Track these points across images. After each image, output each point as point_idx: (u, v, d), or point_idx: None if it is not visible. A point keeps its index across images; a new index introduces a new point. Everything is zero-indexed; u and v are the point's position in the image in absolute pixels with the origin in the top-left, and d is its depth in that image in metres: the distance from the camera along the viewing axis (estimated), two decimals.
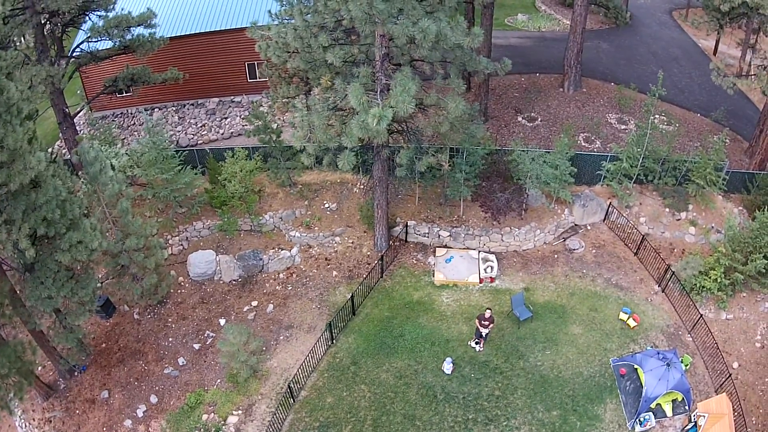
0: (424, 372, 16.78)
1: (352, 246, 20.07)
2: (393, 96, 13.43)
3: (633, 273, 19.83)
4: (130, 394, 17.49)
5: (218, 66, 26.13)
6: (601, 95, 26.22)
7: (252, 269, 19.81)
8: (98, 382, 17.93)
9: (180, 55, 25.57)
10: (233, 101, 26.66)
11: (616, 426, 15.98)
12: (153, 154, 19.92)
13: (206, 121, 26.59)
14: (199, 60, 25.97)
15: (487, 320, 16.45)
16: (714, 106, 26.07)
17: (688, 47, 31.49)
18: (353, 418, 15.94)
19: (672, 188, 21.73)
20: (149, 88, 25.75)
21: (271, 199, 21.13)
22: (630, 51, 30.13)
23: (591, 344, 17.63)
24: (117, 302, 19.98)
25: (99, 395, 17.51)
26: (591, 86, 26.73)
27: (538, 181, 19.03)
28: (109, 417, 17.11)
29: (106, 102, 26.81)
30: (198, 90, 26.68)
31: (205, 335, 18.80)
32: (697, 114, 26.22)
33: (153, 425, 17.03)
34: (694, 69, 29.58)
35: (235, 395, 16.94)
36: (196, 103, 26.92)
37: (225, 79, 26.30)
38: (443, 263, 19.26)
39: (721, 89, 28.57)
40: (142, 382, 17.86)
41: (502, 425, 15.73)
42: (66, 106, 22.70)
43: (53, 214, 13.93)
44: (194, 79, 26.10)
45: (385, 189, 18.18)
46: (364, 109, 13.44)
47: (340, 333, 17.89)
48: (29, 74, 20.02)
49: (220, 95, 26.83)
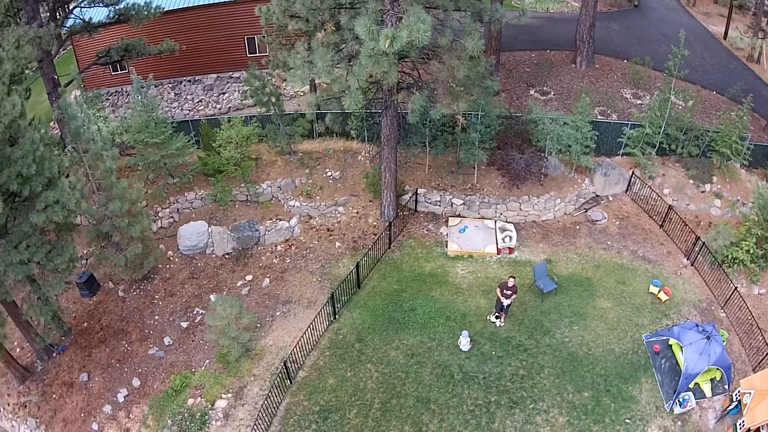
0: (438, 349, 14.25)
1: (357, 216, 17.61)
2: (407, 25, 11.14)
3: (660, 246, 17.44)
4: (110, 377, 15.08)
5: (216, 40, 23.83)
6: (615, 71, 24.05)
7: (247, 241, 17.33)
8: (77, 364, 15.53)
9: (177, 29, 23.30)
10: (232, 77, 24.34)
11: (654, 408, 13.50)
12: (143, 117, 17.59)
13: (203, 96, 24.27)
14: (197, 34, 23.68)
15: (510, 289, 13.97)
16: (728, 86, 24.04)
17: (698, 31, 29.57)
18: (358, 401, 13.37)
19: (695, 160, 19.52)
20: (145, 65, 23.50)
21: (269, 168, 18.70)
22: (640, 32, 28.14)
23: (621, 319, 15.16)
24: (101, 279, 17.52)
25: (78, 378, 15.18)
26: (603, 63, 24.58)
27: (559, 143, 16.72)
28: (88, 402, 14.73)
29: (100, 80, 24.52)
30: (196, 66, 24.36)
31: (194, 313, 16.27)
32: (713, 92, 24.14)
33: (134, 411, 14.52)
34: (705, 51, 27.56)
35: (225, 377, 14.36)
36: (194, 80, 24.60)
37: (224, 54, 24.01)
38: (457, 233, 16.83)
39: (736, 70, 26.95)
40: (125, 364, 15.38)
41: (528, 408, 13.19)
42: (56, 74, 20.47)
43: (29, 170, 12.14)
44: (192, 54, 23.82)
45: (394, 149, 15.79)
46: (373, 37, 11.13)
47: (343, 307, 15.35)
48: (16, 34, 17.90)
49: (218, 71, 24.53)
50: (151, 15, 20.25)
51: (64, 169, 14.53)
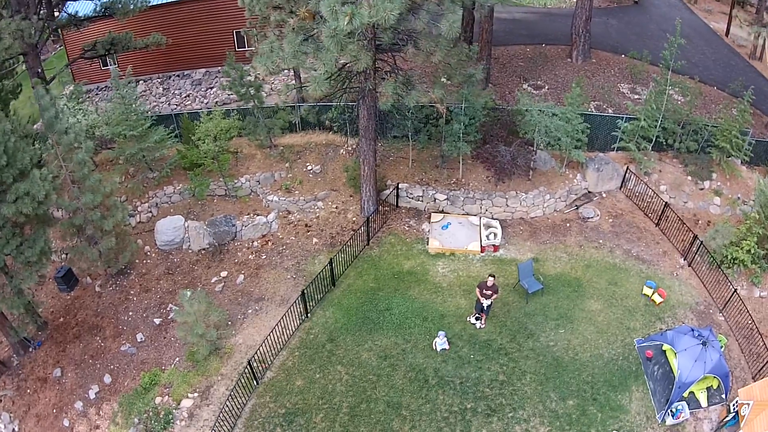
0: (413, 352, 12.99)
1: (336, 211, 16.40)
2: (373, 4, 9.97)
3: (655, 245, 15.99)
4: (83, 373, 14.18)
5: (205, 34, 22.83)
6: (612, 66, 22.53)
7: (223, 236, 16.25)
8: (52, 359, 14.68)
9: (166, 23, 22.32)
10: (220, 71, 23.36)
11: (644, 418, 12.12)
12: (121, 109, 16.67)
13: (191, 91, 23.28)
14: (186, 28, 22.70)
15: (489, 289, 12.68)
16: (729, 81, 22.43)
17: (699, 27, 27.89)
18: (326, 405, 12.18)
19: (694, 155, 18.02)
20: (134, 60, 22.64)
21: (248, 162, 17.58)
22: (640, 28, 26.54)
23: (612, 322, 13.78)
24: (80, 274, 16.62)
25: (52, 374, 14.29)
26: (600, 57, 23.07)
27: (548, 135, 15.38)
28: (60, 398, 13.87)
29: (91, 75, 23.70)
30: (184, 61, 23.41)
31: (168, 309, 15.23)
32: (714, 87, 22.54)
33: (104, 408, 13.61)
34: (707, 47, 25.90)
35: (193, 375, 13.29)
36: (182, 74, 23.66)
37: (212, 48, 22.98)
38: (439, 230, 15.56)
39: (737, 67, 25.26)
40: (97, 360, 14.46)
41: (507, 417, 11.88)
42: (40, 68, 19.66)
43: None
44: (181, 49, 22.90)
45: (372, 141, 14.58)
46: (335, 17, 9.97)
47: (316, 306, 14.16)
48: None
49: (207, 66, 23.57)
50: (137, 8, 19.37)
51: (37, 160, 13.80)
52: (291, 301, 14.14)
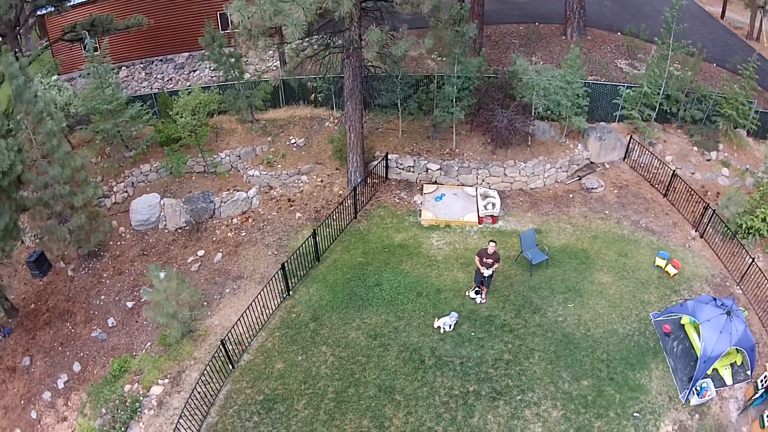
0: (407, 330, 11.15)
1: (321, 185, 14.60)
2: None
3: (664, 216, 14.29)
4: (52, 362, 12.47)
5: (188, 17, 21.13)
6: (608, 43, 21.00)
7: (201, 214, 14.41)
8: (21, 347, 12.97)
9: (148, 6, 20.70)
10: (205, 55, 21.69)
11: (666, 399, 10.34)
12: (95, 83, 14.97)
13: (174, 74, 21.56)
14: (168, 11, 21.05)
15: (490, 257, 10.89)
16: (728, 59, 21.00)
17: (695, 11, 26.54)
18: (309, 390, 10.29)
19: (699, 126, 16.44)
20: (116, 45, 20.95)
21: (228, 137, 15.77)
22: (635, 8, 25.08)
23: (624, 295, 12.01)
24: (53, 259, 14.84)
25: (21, 362, 12.61)
26: (596, 35, 21.55)
27: (547, 98, 13.71)
28: (29, 388, 12.23)
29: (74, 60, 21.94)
30: (168, 45, 21.64)
31: (141, 292, 13.37)
32: (713, 64, 21.07)
33: (73, 398, 11.89)
34: (703, 27, 24.51)
35: (164, 361, 11.41)
36: (165, 59, 21.94)
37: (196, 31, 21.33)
38: (432, 201, 13.78)
39: (735, 46, 23.83)
40: (67, 348, 12.71)
41: (515, 400, 10.05)
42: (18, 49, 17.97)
43: None
44: (164, 32, 21.20)
45: (358, 104, 12.85)
46: None
47: (299, 282, 12.31)
48: None
49: (190, 50, 21.89)
50: None
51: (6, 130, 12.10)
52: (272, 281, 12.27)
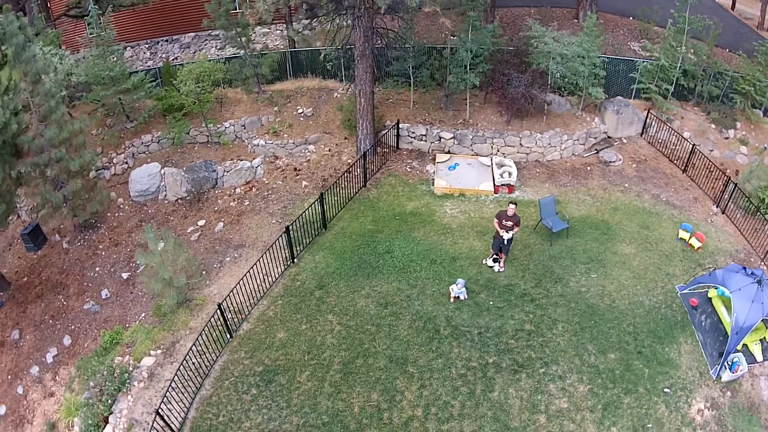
0: (420, 298, 10.11)
1: (329, 154, 13.60)
2: None
3: (684, 191, 13.33)
4: (42, 335, 11.51)
5: None
6: (620, 27, 20.23)
7: (203, 183, 13.41)
8: (11, 321, 12.05)
9: None
10: (210, 35, 20.87)
11: (697, 374, 9.35)
12: (98, 51, 14.10)
13: (179, 54, 20.73)
14: None
15: (510, 219, 9.89)
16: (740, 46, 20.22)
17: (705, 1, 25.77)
18: (313, 360, 9.24)
19: (716, 104, 15.58)
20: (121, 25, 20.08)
21: (233, 107, 14.79)
22: None
23: (648, 267, 11.01)
24: (48, 232, 13.88)
25: (10, 336, 11.71)
26: (608, 19, 20.76)
27: (564, 64, 12.80)
28: (16, 363, 11.32)
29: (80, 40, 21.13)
30: (173, 25, 20.69)
31: (137, 263, 12.36)
32: (726, 50, 20.26)
33: (62, 373, 10.93)
34: (713, 15, 23.81)
35: (158, 331, 10.35)
36: (170, 39, 21.13)
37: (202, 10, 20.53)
38: (446, 170, 12.80)
39: (746, 35, 23.04)
40: (58, 321, 11.73)
41: (538, 373, 9.00)
42: None
43: None
44: (169, 12, 20.35)
45: (369, 67, 11.90)
46: None
47: (304, 250, 11.31)
48: None
49: (196, 30, 21.04)
50: None
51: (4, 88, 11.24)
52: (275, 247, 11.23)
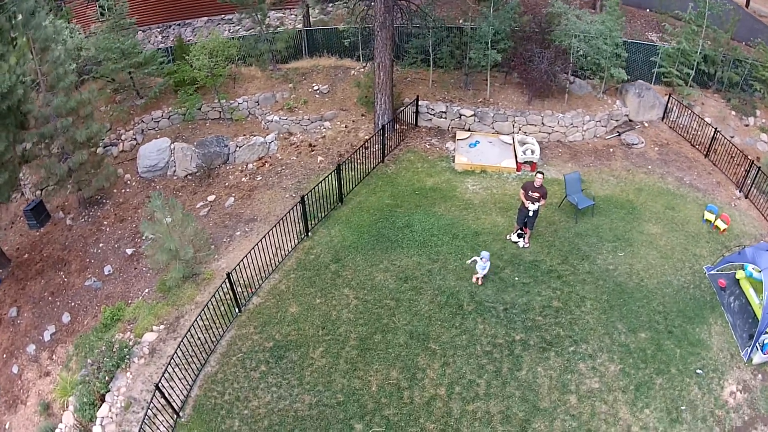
0: (442, 273, 9.32)
1: (346, 130, 12.82)
2: None
3: (707, 175, 12.57)
4: (41, 312, 10.73)
5: None
6: (638, 18, 19.54)
7: (214, 158, 12.63)
8: (10, 298, 11.27)
9: None
10: (224, 19, 20.17)
11: (728, 356, 8.62)
12: (110, 23, 13.37)
13: (191, 38, 20.01)
14: None
15: (537, 191, 9.12)
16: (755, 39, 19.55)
17: None
18: (328, 336, 8.44)
19: (736, 91, 14.91)
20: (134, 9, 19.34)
21: (247, 83, 14.01)
22: None
23: (675, 247, 10.23)
24: (52, 210, 13.08)
25: (7, 314, 10.95)
26: (625, 11, 19.72)
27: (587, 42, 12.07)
28: (13, 341, 10.57)
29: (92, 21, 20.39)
30: (186, 9, 20.14)
31: (142, 238, 11.56)
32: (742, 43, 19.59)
33: (58, 351, 10.17)
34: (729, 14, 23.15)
35: (162, 306, 9.54)
36: (183, 23, 20.43)
37: None
38: (466, 148, 12.01)
39: (762, 30, 22.28)
40: (57, 297, 10.93)
41: (567, 351, 8.21)
42: None
43: None
44: None
45: (389, 39, 11.15)
46: None
47: (319, 224, 10.52)
48: None
49: (209, 14, 20.33)
50: None
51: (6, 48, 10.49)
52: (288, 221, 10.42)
